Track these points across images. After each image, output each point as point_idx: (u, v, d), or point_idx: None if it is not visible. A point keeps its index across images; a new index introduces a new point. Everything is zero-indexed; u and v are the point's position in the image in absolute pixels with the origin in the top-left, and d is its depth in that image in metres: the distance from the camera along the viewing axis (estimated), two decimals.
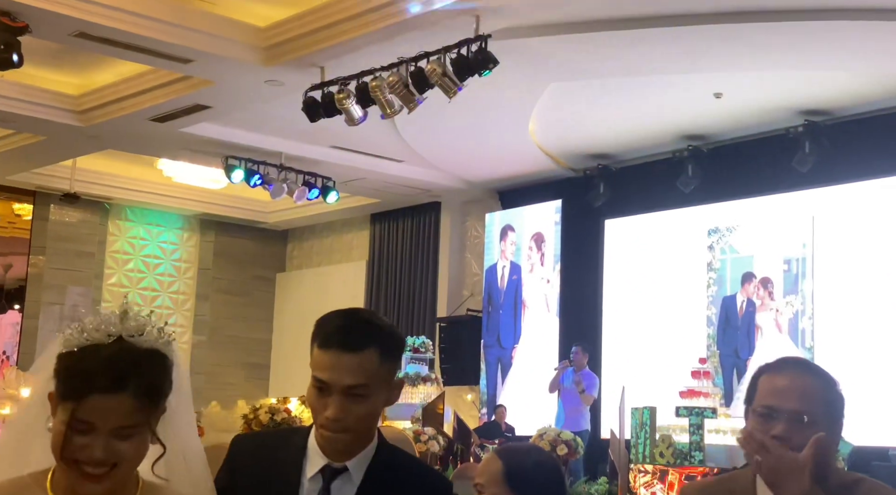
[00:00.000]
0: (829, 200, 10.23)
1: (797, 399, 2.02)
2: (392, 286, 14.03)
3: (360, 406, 1.93)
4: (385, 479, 1.99)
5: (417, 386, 11.00)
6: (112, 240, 14.23)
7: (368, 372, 1.93)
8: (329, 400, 1.92)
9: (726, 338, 10.78)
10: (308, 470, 1.99)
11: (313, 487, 1.98)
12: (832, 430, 2.01)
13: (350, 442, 1.97)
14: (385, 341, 1.98)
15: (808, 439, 1.95)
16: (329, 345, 1.95)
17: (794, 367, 2.10)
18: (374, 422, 2.00)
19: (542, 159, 11.77)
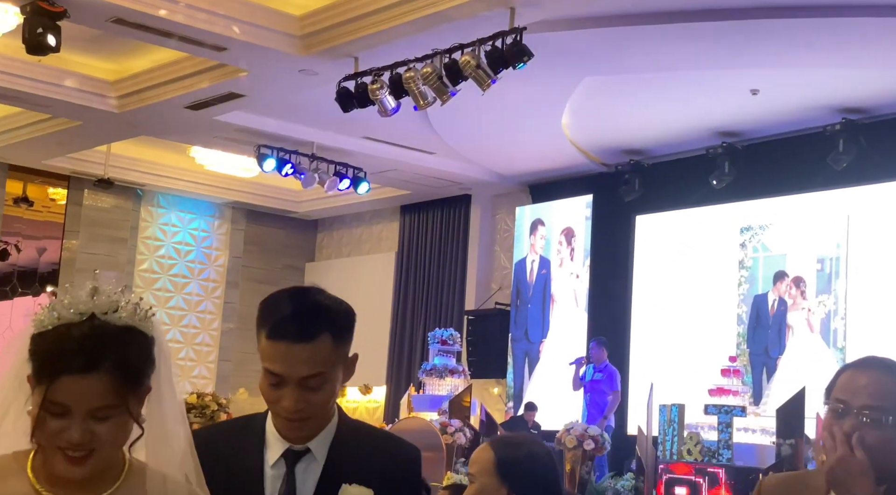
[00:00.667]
0: (864, 199, 10.11)
1: (869, 395, 1.98)
2: (421, 278, 14.04)
3: (318, 394, 1.87)
4: (350, 454, 1.95)
5: (445, 379, 11.02)
6: (144, 226, 14.35)
7: (323, 359, 1.86)
8: (284, 392, 1.86)
9: (756, 336, 10.70)
10: (269, 456, 1.94)
11: (277, 473, 1.93)
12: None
13: (313, 426, 1.93)
14: (337, 323, 1.90)
15: (880, 437, 1.93)
16: (278, 336, 1.85)
17: (874, 365, 2.04)
18: (333, 401, 1.95)
19: (574, 154, 11.72)
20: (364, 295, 14.62)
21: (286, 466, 1.92)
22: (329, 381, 1.88)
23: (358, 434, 2.00)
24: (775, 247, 10.76)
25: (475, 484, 2.26)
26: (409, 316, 14.01)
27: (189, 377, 14.05)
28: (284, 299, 1.91)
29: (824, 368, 10.02)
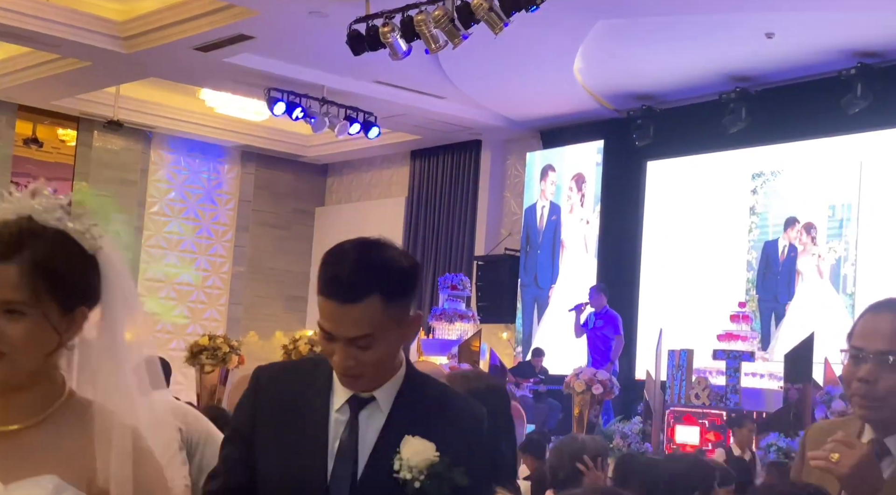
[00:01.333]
0: (878, 146, 10.04)
1: (886, 339, 1.94)
2: (430, 223, 14.05)
3: (368, 353, 1.84)
4: (415, 407, 1.92)
5: (454, 323, 11.08)
6: (154, 168, 14.35)
7: (372, 321, 1.82)
8: (336, 347, 1.85)
9: (766, 283, 10.71)
10: (335, 400, 1.92)
11: (341, 418, 1.92)
12: None
13: (367, 383, 1.90)
14: (389, 283, 1.84)
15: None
16: (328, 294, 1.84)
17: (892, 307, 2.00)
18: (390, 359, 1.91)
19: (586, 99, 11.63)
20: None
21: (350, 412, 1.91)
22: (380, 341, 1.84)
23: (425, 388, 1.97)
24: (787, 194, 10.72)
25: None
26: (420, 260, 14.03)
27: (200, 319, 14.15)
28: (338, 256, 1.88)
29: (833, 314, 10.05)
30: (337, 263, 1.86)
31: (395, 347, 1.91)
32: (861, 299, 9.96)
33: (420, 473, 1.83)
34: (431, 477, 1.84)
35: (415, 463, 1.84)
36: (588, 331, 10.39)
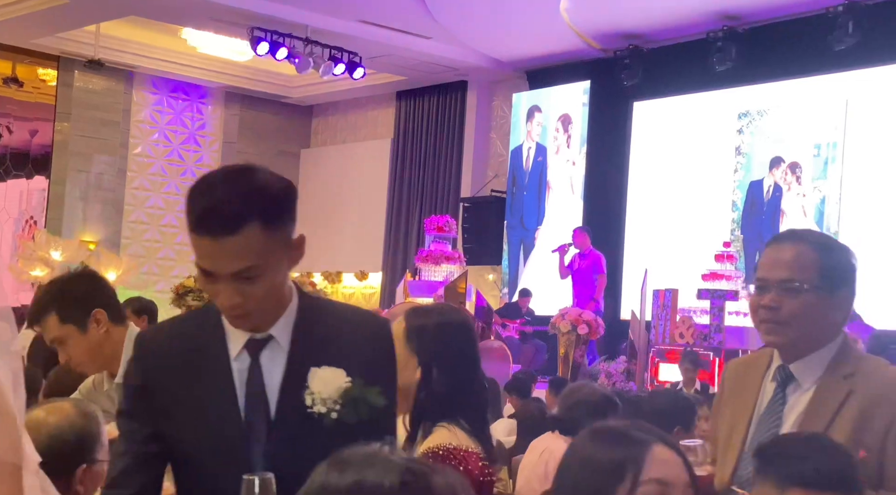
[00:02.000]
0: (863, 84, 10.02)
1: (784, 268, 2.06)
2: (416, 165, 13.99)
3: (256, 287, 1.72)
4: (316, 336, 1.82)
5: (440, 265, 11.10)
6: (136, 109, 14.19)
7: (253, 251, 1.69)
8: (219, 287, 1.72)
9: (751, 222, 10.76)
10: (232, 348, 1.81)
11: (242, 365, 1.81)
12: (832, 297, 2.06)
13: (259, 319, 1.79)
14: (267, 208, 1.71)
15: (798, 306, 2.03)
16: (202, 230, 1.69)
17: (789, 238, 2.13)
18: (279, 291, 1.79)
19: (572, 38, 11.52)
20: (360, 181, 14.61)
21: (250, 357, 1.80)
22: (267, 272, 1.72)
23: (322, 313, 1.87)
24: (773, 133, 10.71)
25: None
26: (405, 202, 14.02)
27: (185, 261, 14.12)
28: (208, 186, 1.72)
29: None
30: (207, 195, 1.70)
31: (283, 276, 1.79)
32: (845, 238, 10.00)
33: (335, 403, 1.76)
34: (347, 405, 1.77)
35: (327, 394, 1.76)
36: (572, 272, 10.41)
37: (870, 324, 8.43)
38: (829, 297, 2.05)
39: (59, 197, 13.63)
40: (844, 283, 2.08)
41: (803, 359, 2.08)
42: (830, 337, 2.08)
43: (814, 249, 2.07)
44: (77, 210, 13.69)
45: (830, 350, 2.08)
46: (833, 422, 2.01)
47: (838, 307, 2.08)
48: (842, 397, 2.02)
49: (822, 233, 2.11)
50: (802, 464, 1.62)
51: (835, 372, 2.05)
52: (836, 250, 2.12)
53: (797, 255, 2.07)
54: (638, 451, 1.39)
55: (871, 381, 2.04)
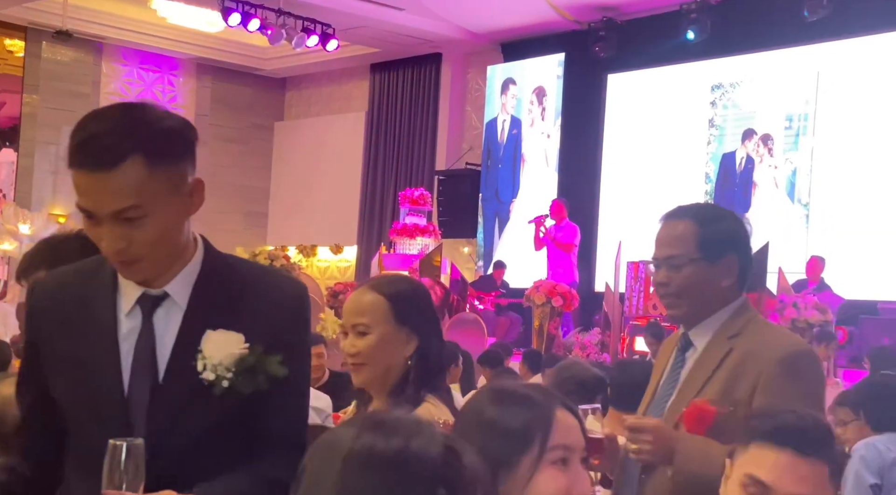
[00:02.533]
0: (835, 56, 10.08)
1: (668, 245, 2.17)
2: (391, 138, 13.94)
3: (142, 231, 1.56)
4: (218, 295, 1.65)
5: (415, 238, 11.09)
6: (106, 81, 14.02)
7: (136, 188, 1.53)
8: (102, 231, 1.57)
9: (724, 194, 10.82)
10: (123, 304, 1.64)
11: (132, 323, 1.64)
12: (714, 265, 2.14)
13: (150, 269, 1.62)
14: (153, 142, 1.55)
15: (683, 279, 2.13)
16: (80, 163, 1.54)
17: (672, 215, 2.22)
18: (174, 240, 1.62)
19: (547, 10, 11.48)
20: (334, 154, 14.54)
21: (142, 314, 1.64)
22: (154, 214, 1.56)
23: (229, 272, 1.69)
24: (745, 105, 10.76)
25: (372, 334, 2.00)
26: (380, 176, 13.98)
27: None
28: (92, 117, 1.58)
29: (788, 225, 10.21)
30: (89, 125, 1.55)
31: (177, 222, 1.62)
32: (815, 209, 10.12)
33: (227, 370, 1.60)
34: (242, 373, 1.61)
35: (219, 359, 1.60)
36: (548, 244, 10.43)
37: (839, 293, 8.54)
38: (711, 266, 2.14)
39: (27, 169, 13.47)
40: (728, 250, 2.15)
41: (699, 325, 2.18)
42: (724, 302, 2.16)
43: (693, 222, 2.16)
44: (46, 183, 13.54)
45: (724, 314, 2.16)
46: (710, 379, 2.10)
47: (724, 274, 2.15)
48: (722, 355, 2.12)
49: (710, 205, 2.27)
50: (770, 420, 1.64)
51: (722, 334, 2.15)
52: (716, 220, 2.19)
53: (678, 231, 2.17)
54: (544, 416, 1.36)
55: (750, 340, 2.11)
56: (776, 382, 2.03)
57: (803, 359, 2.10)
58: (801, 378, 2.06)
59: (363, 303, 2.01)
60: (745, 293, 2.20)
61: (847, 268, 9.29)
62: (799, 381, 2.05)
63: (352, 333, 2.02)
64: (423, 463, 1.02)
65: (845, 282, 8.96)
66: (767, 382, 2.04)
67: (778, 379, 2.04)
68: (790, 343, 2.14)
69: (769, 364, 2.05)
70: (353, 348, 2.01)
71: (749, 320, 2.17)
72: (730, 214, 2.26)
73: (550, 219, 10.39)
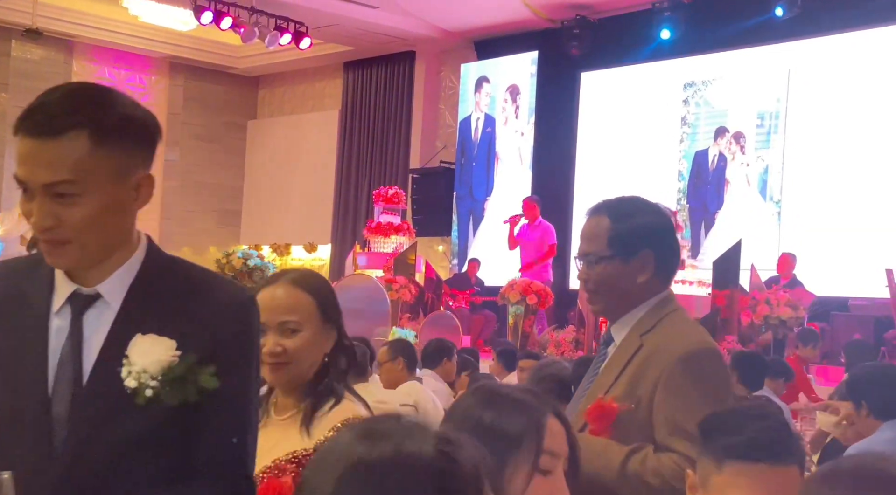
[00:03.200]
0: (805, 55, 10.18)
1: (585, 241, 2.19)
2: (365, 136, 13.92)
3: (73, 209, 1.48)
4: (154, 298, 1.56)
5: (390, 236, 11.08)
6: (77, 79, 13.84)
7: (74, 163, 1.46)
8: (33, 206, 1.49)
9: (696, 192, 10.90)
10: (56, 301, 1.56)
11: (62, 322, 1.55)
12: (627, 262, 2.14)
13: (77, 256, 1.52)
14: (100, 119, 1.48)
15: (597, 276, 2.15)
16: (23, 129, 1.47)
17: (591, 212, 2.23)
18: (110, 228, 1.53)
19: (520, 8, 11.50)
20: (308, 153, 14.49)
21: (72, 313, 1.55)
22: (88, 194, 1.48)
23: (170, 275, 1.59)
24: (717, 103, 10.84)
25: (304, 332, 1.93)
26: (354, 174, 13.95)
27: None
28: (48, 90, 1.52)
29: (760, 222, 10.29)
30: (44, 95, 1.50)
31: (114, 211, 1.52)
32: (787, 206, 10.21)
33: (152, 378, 1.50)
34: (168, 383, 1.51)
35: (144, 365, 1.50)
36: (522, 244, 10.44)
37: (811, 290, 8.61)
38: (624, 263, 2.13)
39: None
40: (642, 246, 2.14)
41: (620, 320, 2.18)
42: (642, 297, 2.15)
43: (607, 219, 2.16)
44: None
45: (641, 309, 2.15)
46: (620, 376, 2.09)
47: (639, 269, 2.14)
48: (632, 352, 2.11)
49: (629, 199, 2.26)
50: (738, 436, 1.59)
51: (636, 330, 2.13)
52: (630, 216, 2.18)
53: (593, 228, 2.17)
54: (538, 422, 1.35)
55: (658, 337, 2.10)
56: (676, 380, 2.02)
57: (704, 357, 2.07)
58: (702, 376, 2.03)
59: (292, 300, 1.95)
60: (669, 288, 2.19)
61: (818, 265, 9.38)
62: (699, 380, 2.02)
63: (277, 332, 1.92)
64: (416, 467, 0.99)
65: (817, 278, 9.05)
66: (668, 380, 2.02)
67: (678, 377, 2.02)
68: (694, 340, 2.10)
69: (670, 362, 2.03)
70: (278, 347, 1.92)
71: (665, 316, 2.13)
72: (648, 208, 2.23)
73: (524, 219, 10.39)
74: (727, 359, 4.48)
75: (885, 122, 9.54)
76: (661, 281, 2.17)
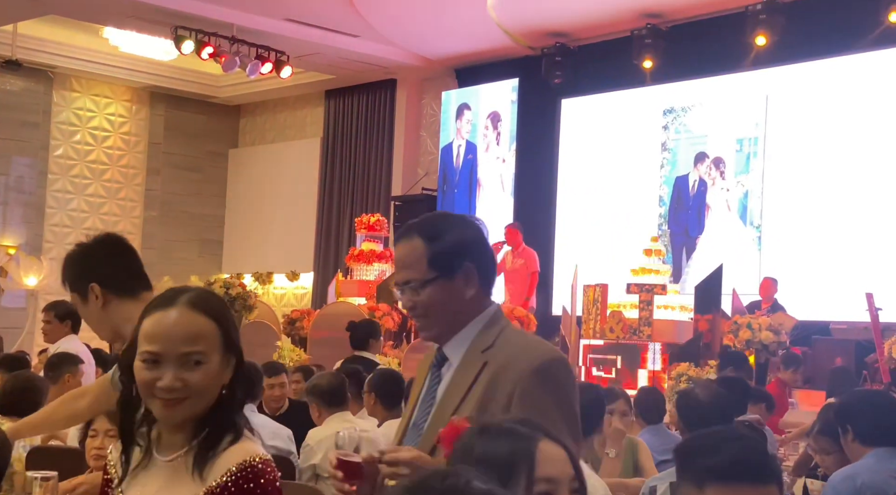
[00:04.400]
0: (783, 80, 10.29)
1: (403, 268, 2.13)
2: (347, 164, 13.93)
3: None
4: None
5: (372, 264, 11.06)
6: (57, 110, 13.84)
7: None
8: None
9: (678, 217, 10.96)
10: None
11: None
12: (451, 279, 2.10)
13: None
14: None
15: (424, 301, 2.10)
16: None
17: (402, 234, 2.17)
18: None
19: (500, 36, 11.58)
20: (289, 181, 14.48)
21: None
22: None
23: None
24: (697, 129, 10.92)
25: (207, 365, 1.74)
26: (336, 202, 13.95)
27: None
28: None
29: (741, 247, 10.35)
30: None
31: None
32: (767, 231, 10.27)
33: None
34: None
35: None
36: (507, 273, 10.46)
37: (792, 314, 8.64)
38: (448, 282, 2.09)
39: None
40: (461, 260, 2.10)
41: (453, 339, 2.13)
42: (473, 312, 2.13)
43: (422, 240, 2.10)
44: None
45: (476, 325, 2.12)
46: (467, 395, 2.05)
47: (464, 284, 2.11)
48: (478, 369, 2.06)
49: (436, 216, 2.25)
50: (716, 457, 1.58)
51: (476, 347, 2.09)
52: (444, 232, 2.12)
53: (407, 253, 2.12)
54: (527, 449, 1.34)
55: (503, 352, 2.07)
56: (532, 393, 1.99)
57: (556, 366, 2.06)
58: (556, 386, 2.03)
59: (194, 328, 1.73)
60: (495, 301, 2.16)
61: (799, 289, 9.43)
62: (553, 390, 2.02)
63: (176, 364, 1.71)
64: None
65: (798, 302, 9.08)
66: (523, 393, 1.99)
67: (534, 389, 2.00)
68: (543, 351, 2.09)
69: (524, 375, 2.01)
70: (178, 382, 1.71)
71: (502, 330, 2.12)
72: (457, 221, 2.18)
73: (507, 246, 10.41)
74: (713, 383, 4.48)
75: (862, 146, 9.64)
76: (486, 292, 2.15)
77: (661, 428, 5.11)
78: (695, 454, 1.62)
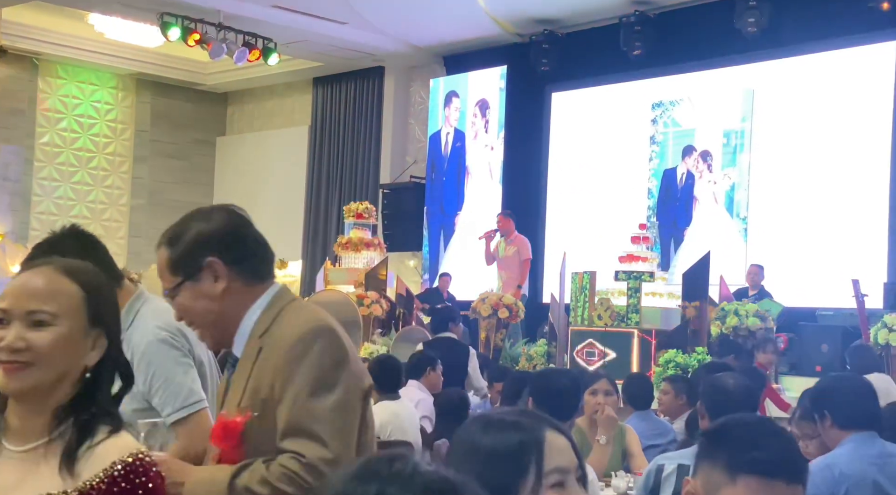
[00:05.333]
0: (769, 74, 10.34)
1: (161, 280, 2.09)
2: (335, 152, 13.89)
3: None
4: None
5: (360, 252, 11.04)
6: (43, 97, 13.76)
7: None
8: None
9: (666, 209, 10.99)
10: None
11: None
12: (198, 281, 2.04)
13: None
14: None
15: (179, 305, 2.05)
16: None
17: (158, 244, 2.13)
18: None
19: (488, 23, 11.56)
20: (277, 169, 14.44)
21: None
22: None
23: None
24: (685, 122, 10.95)
25: (56, 328, 1.55)
26: (324, 190, 13.92)
27: None
28: None
29: (728, 238, 10.39)
30: None
31: None
32: (753, 223, 10.32)
33: None
34: None
35: None
36: (499, 261, 10.47)
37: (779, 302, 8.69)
38: (194, 283, 2.02)
39: None
40: (201, 257, 2.02)
41: (235, 339, 2.07)
42: (241, 305, 2.04)
43: (165, 248, 2.04)
44: None
45: (253, 314, 2.05)
46: (248, 382, 2.00)
47: (211, 280, 2.02)
48: (253, 359, 2.01)
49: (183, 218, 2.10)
50: (757, 451, 1.59)
51: (254, 335, 2.04)
52: (182, 233, 2.04)
53: (159, 263, 2.06)
54: (534, 441, 1.35)
55: (273, 334, 2.01)
56: (286, 371, 1.94)
57: (311, 337, 1.97)
58: (308, 359, 1.95)
59: (51, 287, 1.56)
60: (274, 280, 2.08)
61: (785, 277, 9.49)
62: (304, 364, 1.94)
63: (22, 322, 1.54)
64: None
65: (785, 290, 9.14)
66: (279, 373, 1.94)
67: (288, 366, 1.94)
68: (302, 324, 2.00)
69: (280, 354, 1.96)
70: (21, 342, 1.53)
71: (280, 310, 2.04)
72: (198, 217, 2.07)
73: (499, 234, 10.42)
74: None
75: (845, 138, 9.71)
76: (250, 278, 2.05)
77: (649, 413, 5.15)
78: (733, 442, 1.62)
